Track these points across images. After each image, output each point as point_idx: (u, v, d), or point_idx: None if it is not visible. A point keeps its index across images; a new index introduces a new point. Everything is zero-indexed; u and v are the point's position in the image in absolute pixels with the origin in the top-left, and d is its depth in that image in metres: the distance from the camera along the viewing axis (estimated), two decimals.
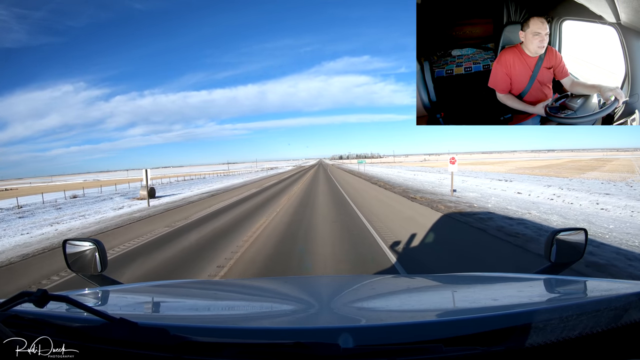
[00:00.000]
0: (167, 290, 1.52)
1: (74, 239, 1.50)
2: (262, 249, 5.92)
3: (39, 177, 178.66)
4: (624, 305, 0.77)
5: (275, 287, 1.55)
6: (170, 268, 5.09)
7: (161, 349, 0.71)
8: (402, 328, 0.79)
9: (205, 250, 6.02)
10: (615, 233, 6.16)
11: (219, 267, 4.97)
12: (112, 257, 5.89)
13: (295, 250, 5.78)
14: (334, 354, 0.69)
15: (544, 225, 6.96)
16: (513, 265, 4.58)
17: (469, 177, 22.81)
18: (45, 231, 9.66)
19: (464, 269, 3.63)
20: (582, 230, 1.45)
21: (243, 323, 0.99)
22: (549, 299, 1.15)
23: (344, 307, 1.14)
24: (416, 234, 6.57)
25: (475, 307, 1.09)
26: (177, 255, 5.87)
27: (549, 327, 0.73)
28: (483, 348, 0.70)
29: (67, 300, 0.81)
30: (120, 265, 5.36)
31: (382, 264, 4.81)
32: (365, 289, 1.42)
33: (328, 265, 4.83)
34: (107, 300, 1.24)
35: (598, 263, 4.46)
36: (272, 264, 5.00)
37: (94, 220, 11.33)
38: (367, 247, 5.78)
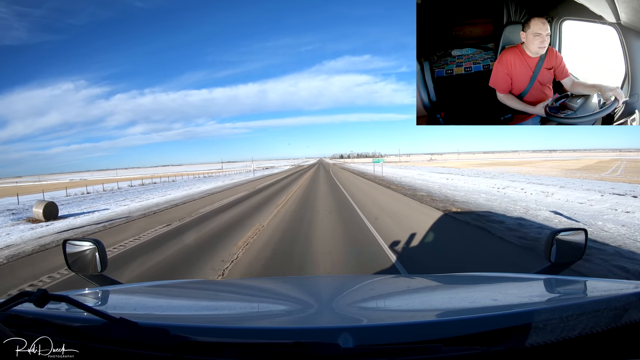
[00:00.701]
0: (167, 291, 1.52)
1: (74, 239, 1.50)
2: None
3: (27, 175, 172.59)
4: (624, 305, 0.77)
5: (275, 287, 1.55)
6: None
7: (161, 349, 0.71)
8: (402, 328, 0.79)
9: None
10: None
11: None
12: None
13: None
14: (334, 354, 0.68)
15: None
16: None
17: (528, 183, 15.36)
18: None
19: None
20: (582, 231, 1.45)
21: (243, 323, 0.99)
22: (549, 299, 1.15)
23: (344, 307, 1.14)
24: None
25: (475, 307, 1.09)
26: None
27: (549, 327, 0.73)
28: (483, 348, 0.70)
29: (67, 300, 0.81)
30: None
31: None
32: (365, 289, 1.42)
33: None
34: (107, 300, 1.24)
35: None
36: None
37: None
38: None
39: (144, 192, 23.03)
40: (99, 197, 21.52)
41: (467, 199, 11.61)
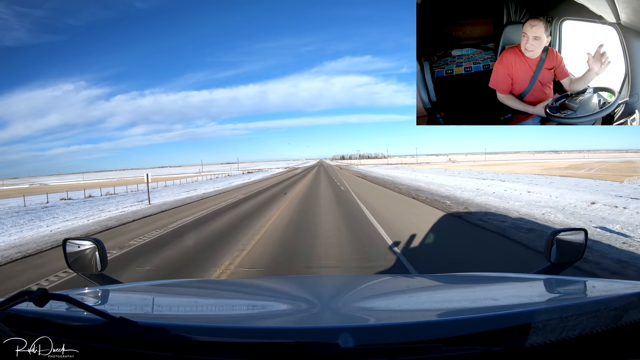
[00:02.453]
0: (167, 290, 1.52)
1: (74, 238, 1.50)
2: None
3: (20, 178, 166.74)
4: (623, 305, 0.77)
5: (276, 287, 1.55)
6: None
7: (161, 348, 0.71)
8: (402, 328, 0.79)
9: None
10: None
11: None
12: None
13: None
14: (334, 354, 0.68)
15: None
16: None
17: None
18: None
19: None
20: (582, 231, 1.45)
21: (243, 322, 0.99)
22: (549, 299, 1.15)
23: (344, 306, 1.14)
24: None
25: (475, 307, 1.09)
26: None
27: (549, 327, 0.73)
28: (483, 348, 0.70)
29: (67, 300, 0.81)
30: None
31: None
32: (365, 289, 1.42)
33: None
34: (107, 300, 1.24)
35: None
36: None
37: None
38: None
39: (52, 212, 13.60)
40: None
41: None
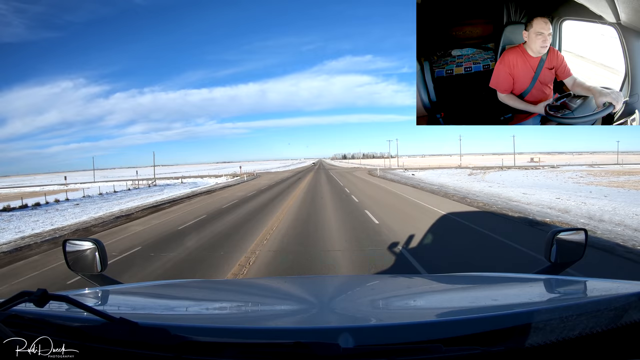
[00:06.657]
0: (167, 290, 1.52)
1: (74, 239, 1.50)
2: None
3: (15, 176, 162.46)
4: (623, 305, 0.77)
5: (276, 287, 1.55)
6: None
7: (161, 349, 0.71)
8: (402, 328, 0.79)
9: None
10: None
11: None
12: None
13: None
14: (334, 354, 0.68)
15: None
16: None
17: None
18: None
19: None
20: (582, 231, 1.45)
21: (243, 323, 0.99)
22: (549, 299, 1.15)
23: (345, 307, 1.14)
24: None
25: (475, 307, 1.09)
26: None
27: (549, 327, 0.73)
28: (483, 348, 0.70)
29: (67, 300, 0.81)
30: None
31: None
32: (365, 289, 1.42)
33: None
34: (107, 300, 1.24)
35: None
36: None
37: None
38: None
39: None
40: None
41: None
